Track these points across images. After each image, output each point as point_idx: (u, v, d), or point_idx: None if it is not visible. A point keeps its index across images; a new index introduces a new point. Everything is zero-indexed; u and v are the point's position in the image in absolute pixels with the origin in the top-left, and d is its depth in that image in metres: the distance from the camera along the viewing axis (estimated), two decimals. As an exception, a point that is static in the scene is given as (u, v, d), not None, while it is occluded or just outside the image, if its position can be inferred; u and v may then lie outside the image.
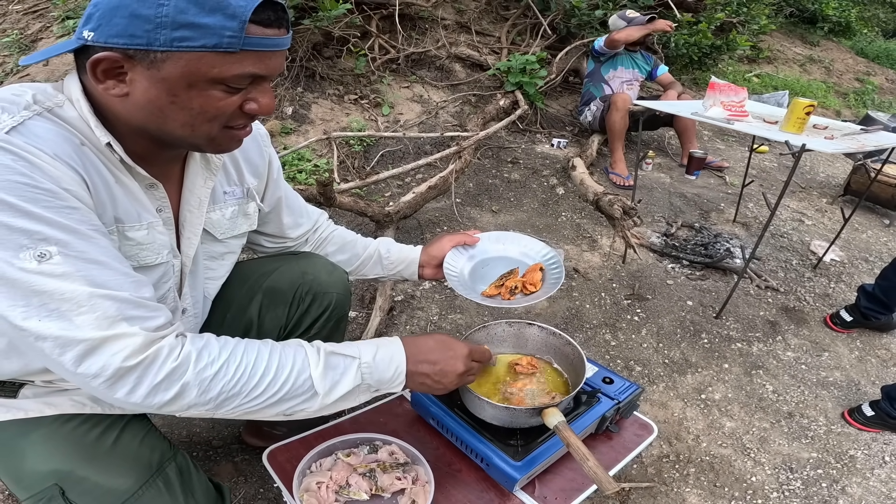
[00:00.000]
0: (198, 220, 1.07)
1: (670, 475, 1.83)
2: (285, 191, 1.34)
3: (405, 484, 1.22)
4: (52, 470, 0.95)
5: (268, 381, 0.88)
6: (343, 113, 4.08)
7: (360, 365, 0.97)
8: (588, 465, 1.07)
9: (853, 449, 2.02)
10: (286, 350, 0.92)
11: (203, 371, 0.83)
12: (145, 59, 0.79)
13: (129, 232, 0.92)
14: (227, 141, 0.93)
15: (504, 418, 1.26)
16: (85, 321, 0.76)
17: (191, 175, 1.05)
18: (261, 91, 0.89)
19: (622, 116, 3.93)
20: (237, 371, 0.85)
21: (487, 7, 5.50)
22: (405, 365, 1.02)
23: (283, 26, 0.86)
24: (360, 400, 0.99)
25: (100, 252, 0.80)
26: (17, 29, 4.50)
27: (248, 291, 1.34)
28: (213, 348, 0.86)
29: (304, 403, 0.92)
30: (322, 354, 0.94)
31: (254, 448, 1.70)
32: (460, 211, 3.33)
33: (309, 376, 0.91)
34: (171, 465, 1.04)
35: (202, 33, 0.78)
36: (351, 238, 1.50)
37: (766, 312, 2.74)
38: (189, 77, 0.81)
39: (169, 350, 0.81)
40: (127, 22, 0.77)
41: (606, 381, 1.51)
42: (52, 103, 0.84)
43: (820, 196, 4.34)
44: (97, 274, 0.78)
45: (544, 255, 1.46)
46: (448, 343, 1.10)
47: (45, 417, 0.98)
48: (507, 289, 1.34)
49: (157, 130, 0.87)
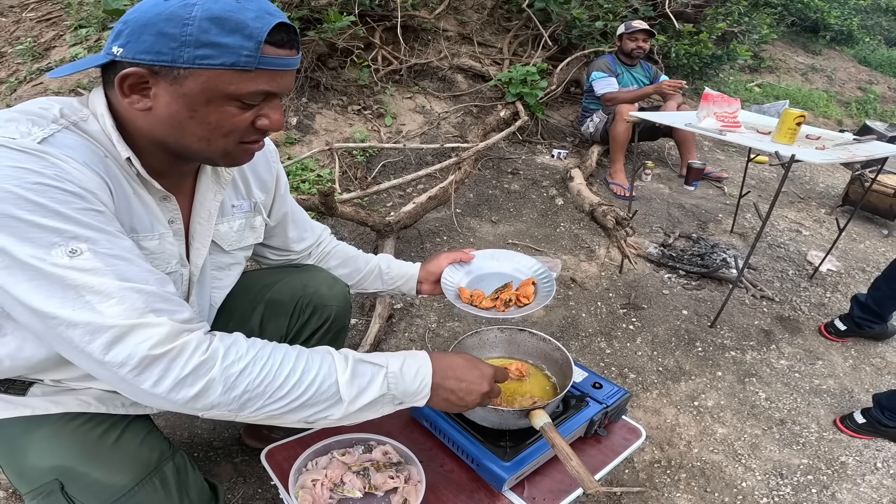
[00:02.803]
0: (207, 231, 1.12)
1: (661, 480, 1.86)
2: (291, 206, 1.39)
3: (398, 483, 1.26)
4: (53, 465, 0.99)
5: (293, 382, 0.88)
6: (346, 123, 4.14)
7: (388, 374, 0.97)
8: (571, 464, 1.12)
9: (844, 455, 2.04)
10: (314, 355, 0.93)
11: (230, 367, 0.84)
12: (169, 75, 0.84)
13: (143, 242, 0.97)
14: (240, 155, 0.98)
15: (493, 420, 1.31)
16: (115, 311, 0.79)
17: (202, 188, 1.09)
18: (272, 108, 0.94)
19: (627, 127, 3.97)
20: (263, 370, 0.86)
21: (489, 18, 5.57)
22: (431, 378, 1.02)
23: (294, 47, 0.91)
24: (382, 412, 1.00)
25: (125, 250, 0.84)
26: (30, 37, 4.59)
27: (250, 302, 1.39)
28: (242, 346, 0.87)
29: (327, 410, 0.92)
30: (350, 361, 0.95)
31: (253, 449, 1.74)
32: (460, 221, 3.39)
33: (335, 381, 0.92)
34: (168, 465, 1.08)
35: (222, 52, 0.83)
36: (353, 253, 1.54)
37: (761, 321, 2.77)
38: (208, 93, 0.86)
39: (197, 343, 0.83)
40: (154, 39, 0.82)
41: (595, 386, 1.55)
42: (78, 117, 0.90)
43: (818, 206, 4.37)
44: (125, 269, 0.82)
45: (535, 270, 1.52)
46: (475, 363, 1.11)
47: (51, 415, 1.02)
48: (501, 301, 1.40)
49: (176, 144, 0.92)
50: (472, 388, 1.06)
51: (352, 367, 0.95)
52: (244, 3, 0.84)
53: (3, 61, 4.47)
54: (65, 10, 4.82)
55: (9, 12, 5.13)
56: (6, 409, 1.03)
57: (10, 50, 4.54)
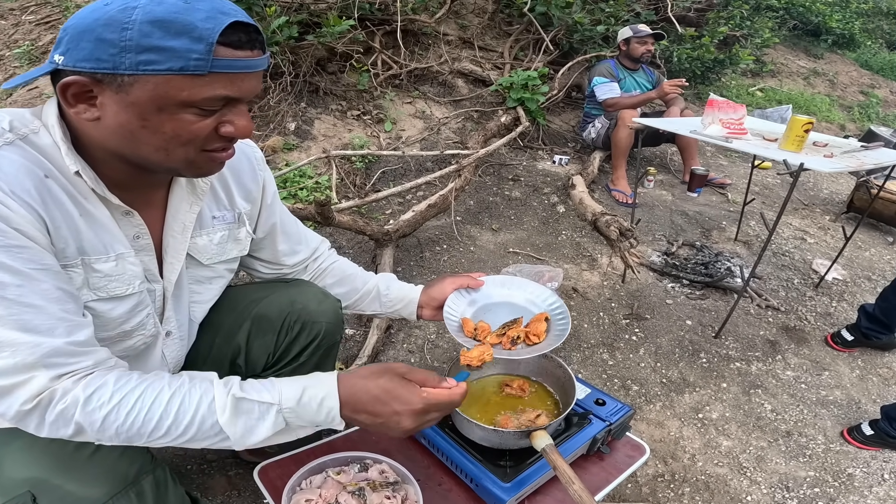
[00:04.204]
0: (181, 245, 1.07)
1: (665, 495, 1.82)
2: (281, 217, 1.33)
3: (395, 503, 1.22)
4: (27, 477, 0.95)
5: (167, 424, 0.87)
6: (346, 129, 4.12)
7: (281, 410, 0.93)
8: (573, 488, 1.08)
9: (851, 467, 2.00)
10: (192, 392, 0.90)
11: (91, 414, 0.84)
12: (113, 82, 0.80)
13: (96, 264, 0.93)
14: (206, 164, 0.93)
15: (493, 440, 1.27)
16: (2, 365, 0.80)
17: (175, 200, 1.05)
18: (236, 113, 0.89)
19: (629, 133, 3.94)
20: (129, 415, 0.85)
21: (490, 23, 5.55)
22: (338, 410, 0.95)
23: (257, 48, 0.86)
24: (303, 433, 0.97)
25: (38, 295, 0.82)
26: (28, 40, 4.58)
27: (237, 318, 1.33)
28: (105, 392, 0.85)
29: (221, 443, 0.91)
30: (230, 400, 0.90)
31: (248, 462, 1.71)
32: (460, 229, 3.35)
33: (216, 422, 0.89)
34: (148, 479, 1.04)
35: (167, 56, 0.78)
36: (351, 271, 1.47)
37: (767, 332, 2.73)
38: (158, 100, 0.81)
39: (62, 393, 0.83)
40: (93, 46, 0.78)
41: (598, 403, 1.51)
42: (28, 130, 0.86)
43: (823, 214, 4.33)
44: (30, 318, 0.81)
45: (551, 303, 1.39)
46: (395, 394, 0.96)
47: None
48: (508, 338, 1.28)
49: (132, 155, 0.88)
50: (389, 424, 0.96)
51: (231, 406, 0.90)
52: (193, 4, 0.80)
53: (1, 64, 4.45)
54: (63, 13, 4.81)
55: (8, 15, 5.12)
56: None
57: (8, 53, 4.53)
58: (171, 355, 1.17)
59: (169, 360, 1.17)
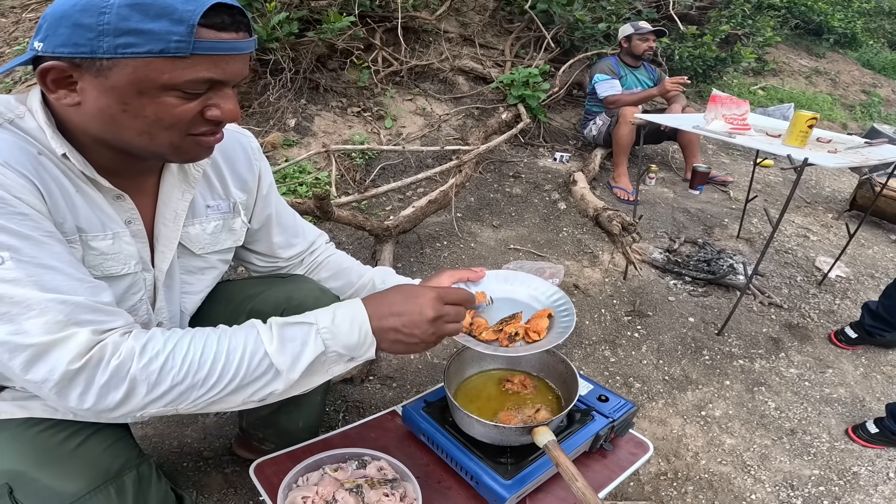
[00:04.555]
0: (173, 233, 1.06)
1: (668, 493, 1.80)
2: (277, 208, 1.31)
3: (393, 501, 1.20)
4: (5, 469, 0.94)
5: (220, 367, 0.85)
6: (346, 125, 4.09)
7: (319, 330, 0.92)
8: (577, 485, 1.06)
9: (856, 466, 1.98)
10: (237, 332, 0.90)
11: (149, 364, 0.81)
12: (92, 67, 0.80)
13: (93, 242, 0.92)
14: (192, 149, 0.92)
15: (494, 436, 1.25)
16: (34, 325, 0.76)
17: (166, 187, 1.04)
18: (222, 97, 0.88)
19: (631, 130, 3.93)
20: (185, 361, 0.83)
21: (491, 20, 5.53)
22: (369, 323, 0.95)
23: (242, 29, 0.85)
24: (334, 371, 0.95)
25: (52, 257, 0.80)
26: (28, 37, 4.56)
27: (232, 313, 1.30)
28: (158, 341, 0.83)
29: (268, 385, 0.89)
30: (275, 328, 0.91)
31: (244, 460, 1.68)
32: (461, 226, 3.33)
33: (265, 353, 0.88)
34: (130, 474, 1.03)
35: (147, 39, 0.78)
36: (347, 265, 1.45)
37: (770, 329, 2.70)
38: (138, 84, 0.80)
39: (113, 348, 0.80)
40: (70, 31, 0.78)
41: (601, 399, 1.49)
42: (14, 115, 0.86)
43: (825, 211, 4.31)
44: (49, 279, 0.78)
45: (555, 300, 1.33)
46: (413, 290, 1.01)
47: (15, 420, 0.98)
48: (506, 334, 1.23)
49: (115, 140, 0.87)
50: (414, 319, 0.97)
51: (278, 333, 0.90)
52: None
53: (1, 61, 4.44)
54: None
55: (9, 13, 5.11)
56: None
57: (9, 51, 4.52)
58: None
59: None
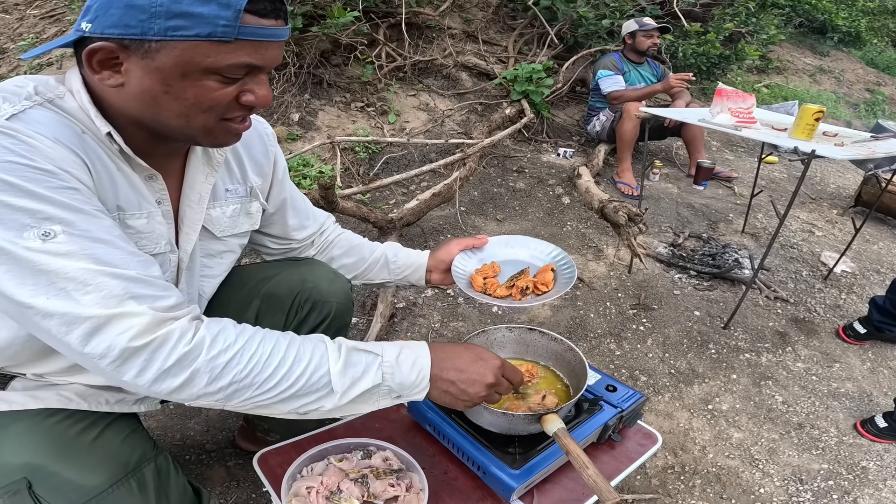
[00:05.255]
0: (197, 215, 1.06)
1: (675, 487, 1.78)
2: (291, 192, 1.32)
3: (398, 491, 1.18)
4: (23, 463, 0.92)
5: (282, 373, 0.85)
6: (349, 120, 4.08)
7: (382, 363, 0.93)
8: (588, 473, 1.04)
9: (865, 460, 1.97)
10: (306, 343, 0.89)
11: (216, 358, 0.81)
12: (140, 48, 0.80)
13: (130, 220, 0.92)
14: (223, 134, 0.92)
15: (502, 425, 1.23)
16: (91, 300, 0.75)
17: (192, 170, 1.04)
18: (257, 82, 0.89)
19: (634, 125, 3.92)
20: (251, 360, 0.83)
21: (495, 16, 5.51)
22: (430, 369, 0.97)
23: (281, 17, 0.86)
24: (379, 405, 0.95)
25: (104, 231, 0.80)
26: (33, 33, 4.57)
27: (246, 296, 1.32)
28: (230, 334, 0.83)
29: (319, 401, 0.89)
30: (343, 350, 0.91)
31: (247, 452, 1.67)
32: (464, 219, 3.31)
33: (327, 372, 0.88)
34: (149, 466, 1.01)
35: (196, 22, 0.78)
36: (357, 242, 1.46)
37: (776, 323, 2.69)
38: (183, 66, 0.81)
39: (181, 333, 0.80)
40: (122, 12, 0.78)
41: (609, 389, 1.46)
42: (54, 94, 0.85)
43: (830, 207, 4.29)
44: (102, 252, 0.78)
45: (554, 256, 1.42)
46: (478, 352, 1.04)
47: (29, 411, 0.96)
48: (518, 289, 1.29)
49: (153, 121, 0.87)
50: (474, 377, 0.99)
51: (345, 356, 0.90)
52: None
53: (5, 57, 4.44)
54: (68, 6, 4.80)
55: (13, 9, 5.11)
56: None
57: (13, 46, 4.52)
58: None
59: None
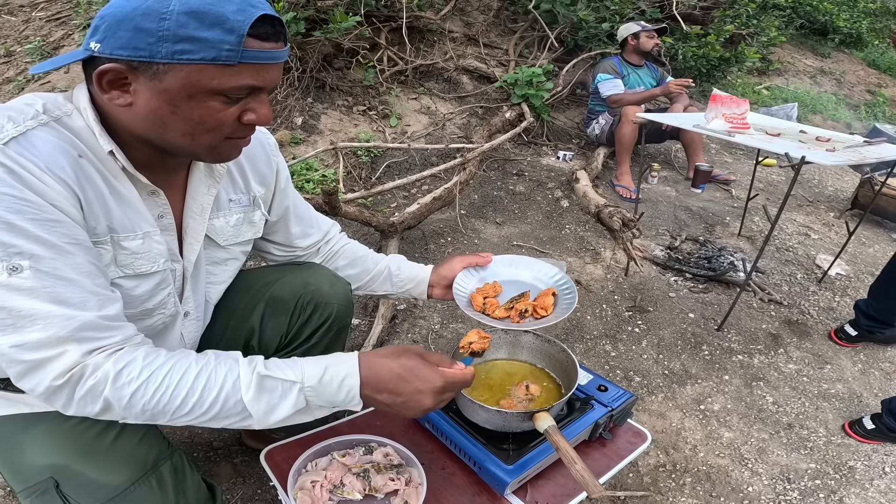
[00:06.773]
0: (200, 226, 1.10)
1: (666, 484, 1.84)
2: (294, 200, 1.36)
3: (398, 485, 1.24)
4: (49, 464, 0.98)
5: (193, 402, 0.88)
6: (352, 124, 4.14)
7: (303, 388, 0.93)
8: (576, 468, 1.10)
9: (853, 460, 2.01)
10: (218, 370, 0.90)
11: (120, 390, 0.84)
12: (148, 70, 0.83)
13: (124, 241, 0.96)
14: (227, 150, 0.97)
15: (496, 422, 1.29)
16: (34, 339, 0.81)
17: (194, 182, 1.08)
18: (258, 102, 0.92)
19: (633, 129, 3.95)
20: (157, 391, 0.86)
21: (495, 20, 5.56)
22: (358, 389, 0.95)
23: (281, 40, 0.90)
24: (319, 414, 0.97)
25: (72, 269, 0.84)
26: (39, 35, 4.61)
27: (251, 300, 1.37)
28: (135, 368, 0.86)
29: (244, 421, 0.92)
30: (255, 378, 0.91)
31: (253, 450, 1.73)
32: (465, 222, 3.37)
33: (240, 399, 0.90)
34: (166, 464, 1.07)
35: (202, 46, 0.82)
36: (362, 253, 1.50)
37: (769, 325, 2.74)
38: (189, 88, 0.85)
39: (93, 368, 0.84)
40: (131, 35, 0.81)
41: (601, 389, 1.53)
42: (61, 112, 0.89)
43: (827, 210, 4.33)
44: (62, 291, 0.82)
45: (557, 280, 1.43)
46: (416, 372, 0.98)
47: (48, 413, 1.00)
48: (516, 311, 1.31)
49: (159, 139, 0.91)
50: (409, 404, 0.98)
51: (257, 383, 0.91)
52: None
53: (13, 60, 4.49)
54: (74, 9, 4.85)
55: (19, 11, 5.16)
56: (4, 406, 1.02)
57: (20, 49, 4.57)
58: (188, 336, 1.20)
59: (187, 340, 1.19)
